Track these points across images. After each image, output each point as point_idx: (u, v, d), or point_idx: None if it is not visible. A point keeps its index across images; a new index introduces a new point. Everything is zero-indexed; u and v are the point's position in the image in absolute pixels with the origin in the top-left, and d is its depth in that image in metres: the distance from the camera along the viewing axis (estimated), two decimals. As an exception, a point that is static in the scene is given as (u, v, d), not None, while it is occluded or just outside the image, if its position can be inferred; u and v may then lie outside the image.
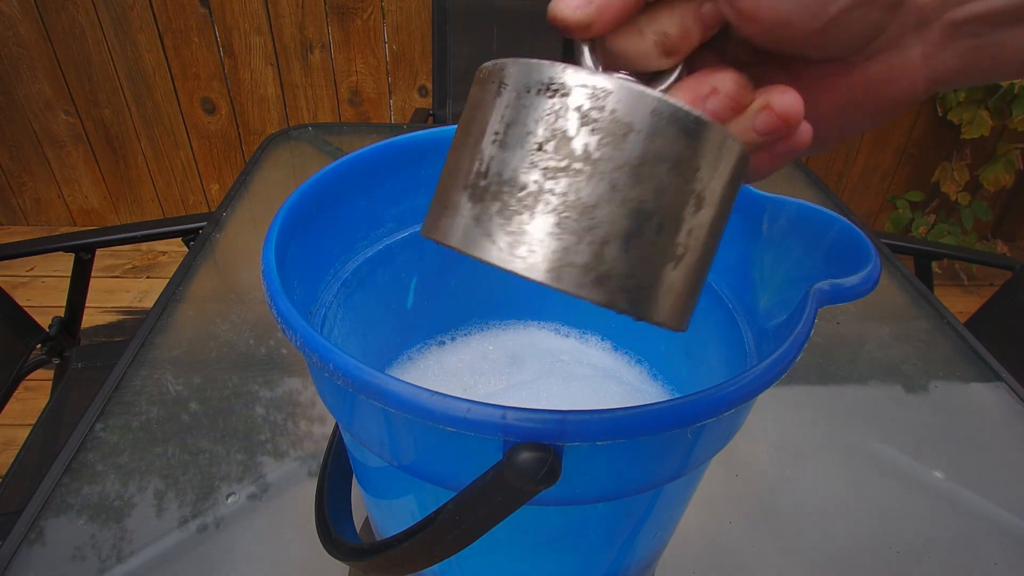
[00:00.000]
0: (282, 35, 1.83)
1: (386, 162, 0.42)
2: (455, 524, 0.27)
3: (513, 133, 0.21)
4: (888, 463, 0.59)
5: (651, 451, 0.29)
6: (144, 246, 2.06)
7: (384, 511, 0.39)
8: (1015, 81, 1.68)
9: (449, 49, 1.57)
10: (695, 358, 0.44)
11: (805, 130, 0.22)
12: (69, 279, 1.00)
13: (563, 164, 0.20)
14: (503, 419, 0.24)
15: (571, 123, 0.20)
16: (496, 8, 1.54)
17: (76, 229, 2.16)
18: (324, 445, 0.45)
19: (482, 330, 0.52)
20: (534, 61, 0.21)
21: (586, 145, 0.20)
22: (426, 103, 1.94)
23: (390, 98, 1.95)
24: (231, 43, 1.84)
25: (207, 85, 1.91)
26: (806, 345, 0.28)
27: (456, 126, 0.23)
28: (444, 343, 0.51)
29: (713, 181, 0.21)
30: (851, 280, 0.29)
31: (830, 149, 0.24)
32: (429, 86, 1.91)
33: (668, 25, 0.22)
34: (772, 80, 0.22)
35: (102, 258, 1.46)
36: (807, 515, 0.54)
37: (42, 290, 1.88)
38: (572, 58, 0.23)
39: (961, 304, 1.95)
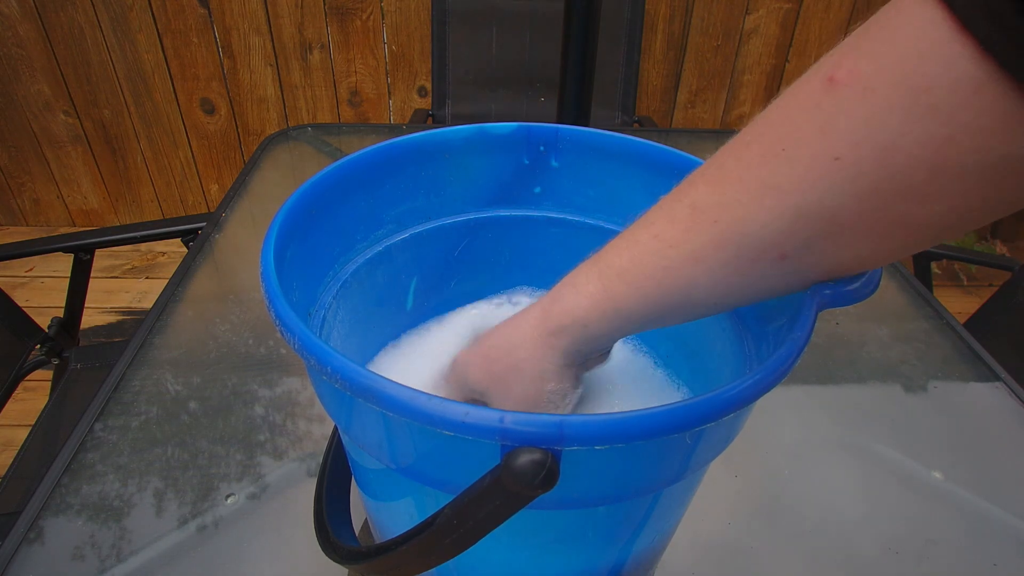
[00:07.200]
0: (281, 35, 1.83)
1: (386, 163, 0.42)
2: (453, 527, 0.27)
3: None
4: (888, 463, 0.59)
5: (650, 455, 0.29)
6: (143, 246, 2.06)
7: (383, 513, 0.39)
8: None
9: (449, 49, 1.57)
10: (695, 359, 0.44)
11: None
12: (68, 279, 1.00)
13: None
14: (501, 423, 0.24)
15: None
16: (496, 8, 1.54)
17: (75, 230, 2.16)
18: (323, 445, 0.45)
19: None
20: None
21: None
22: (425, 103, 1.94)
23: (389, 99, 1.95)
24: (230, 43, 1.84)
25: (206, 86, 1.91)
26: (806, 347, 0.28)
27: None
28: (444, 319, 0.51)
29: None
30: (852, 284, 0.29)
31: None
32: (428, 87, 1.91)
33: None
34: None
35: (101, 258, 1.46)
36: (806, 515, 0.54)
37: (41, 290, 1.88)
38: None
39: (960, 304, 1.95)
